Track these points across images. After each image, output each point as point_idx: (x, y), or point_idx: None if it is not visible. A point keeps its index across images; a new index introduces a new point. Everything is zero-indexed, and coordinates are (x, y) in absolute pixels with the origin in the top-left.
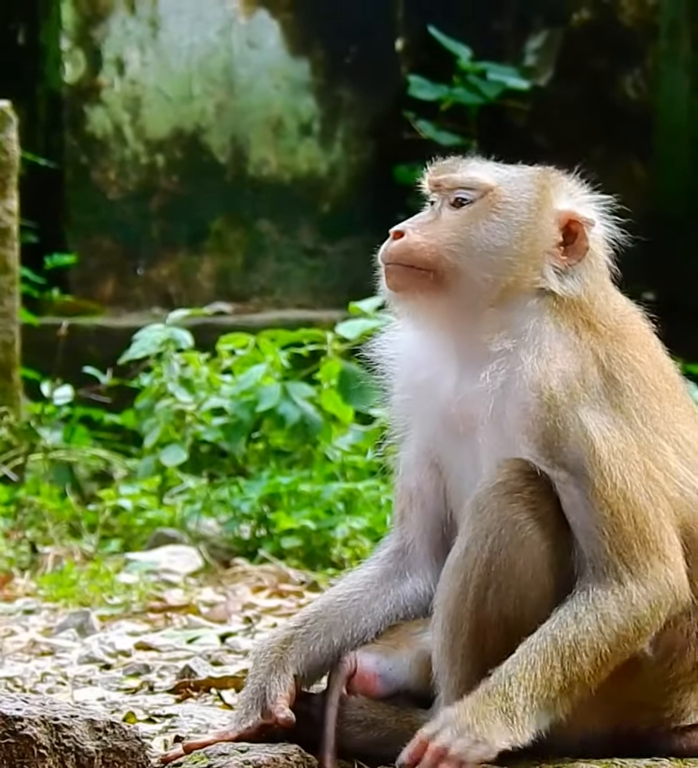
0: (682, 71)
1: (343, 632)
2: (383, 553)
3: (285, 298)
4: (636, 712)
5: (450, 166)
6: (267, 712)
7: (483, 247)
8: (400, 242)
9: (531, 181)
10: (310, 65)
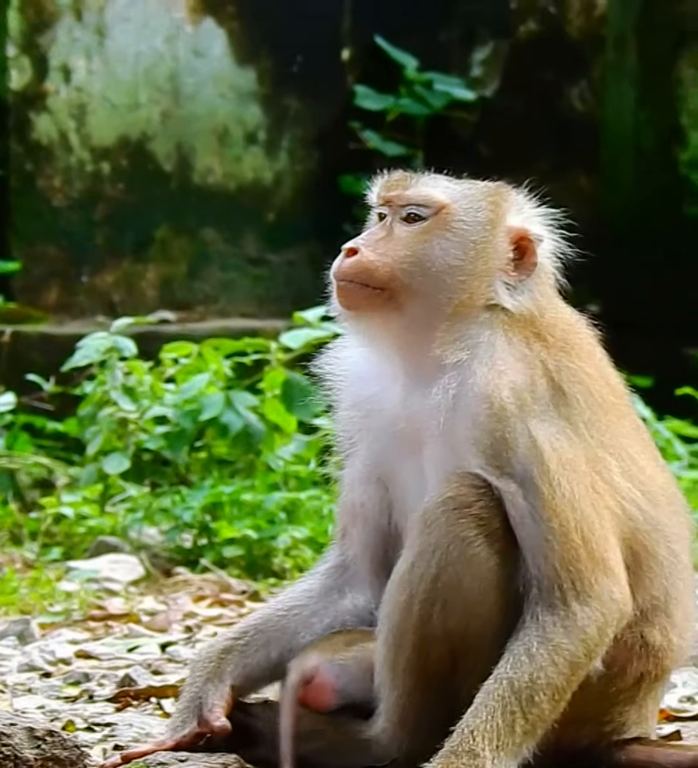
0: (628, 83)
1: (281, 646)
2: (323, 567)
3: (229, 307)
4: (578, 726)
5: (402, 182)
6: (203, 721)
7: (438, 267)
8: (354, 260)
9: (484, 198)
10: (256, 74)
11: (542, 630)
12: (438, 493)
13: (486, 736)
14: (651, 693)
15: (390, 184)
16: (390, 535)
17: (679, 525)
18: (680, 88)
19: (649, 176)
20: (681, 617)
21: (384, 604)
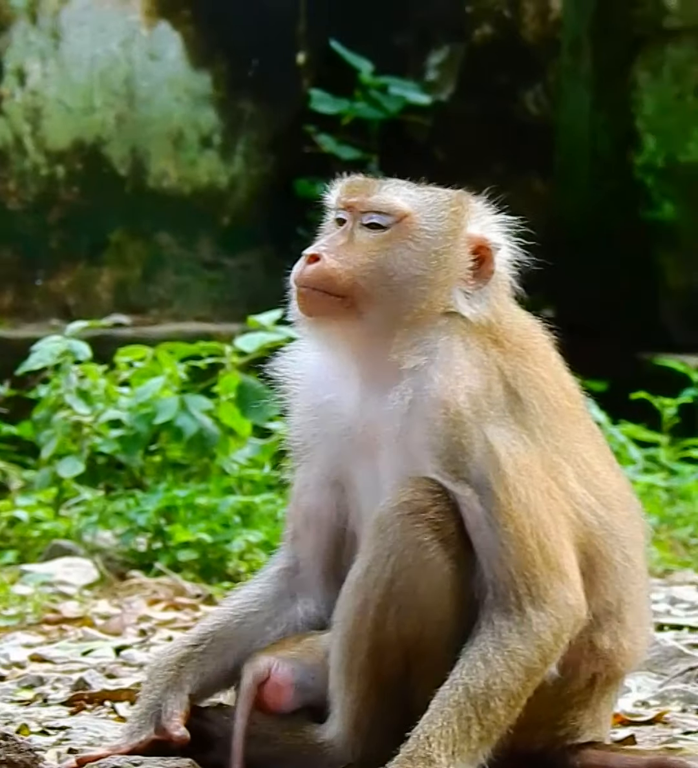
0: (583, 87)
1: (237, 654)
2: (273, 570)
3: (184, 310)
4: (533, 731)
5: (364, 188)
6: (160, 729)
7: (400, 276)
8: (316, 267)
9: (446, 207)
10: (211, 78)
11: (498, 635)
12: (393, 498)
13: (442, 742)
14: (604, 697)
15: (351, 190)
16: (344, 539)
17: (634, 529)
18: (635, 92)
19: (604, 181)
20: (633, 622)
21: (339, 609)
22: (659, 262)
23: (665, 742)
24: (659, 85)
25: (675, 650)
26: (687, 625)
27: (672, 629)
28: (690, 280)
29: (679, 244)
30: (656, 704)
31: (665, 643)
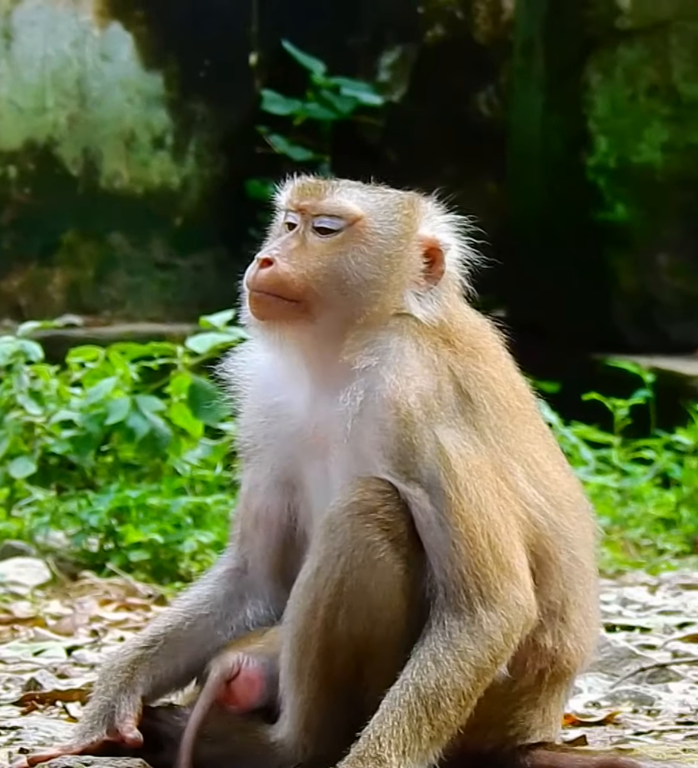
0: (536, 89)
1: (188, 657)
2: (221, 571)
3: (136, 311)
4: (483, 731)
5: (316, 191)
6: (113, 730)
7: (353, 281)
8: (269, 272)
9: (398, 210)
10: (163, 78)
11: (448, 635)
12: (343, 498)
13: (393, 742)
14: (553, 696)
15: (303, 192)
16: (294, 540)
17: (583, 530)
18: (587, 93)
19: (557, 182)
20: (579, 622)
21: (289, 609)
22: (611, 263)
23: (616, 743)
24: (611, 86)
25: (626, 651)
26: (638, 626)
27: (623, 630)
28: (643, 281)
29: (631, 245)
30: (607, 705)
31: (616, 644)
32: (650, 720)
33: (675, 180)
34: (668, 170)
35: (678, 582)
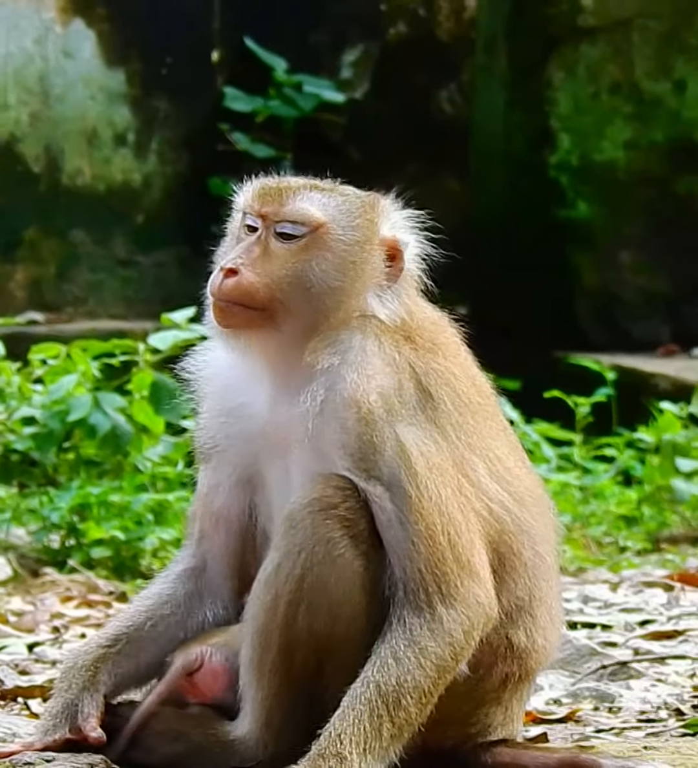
0: (498, 86)
1: (149, 657)
2: (179, 569)
3: (98, 308)
4: (444, 727)
5: (277, 196)
6: (76, 729)
7: (318, 288)
8: (235, 282)
9: (360, 215)
10: (125, 76)
11: (409, 633)
12: (304, 494)
13: (354, 740)
14: (516, 694)
15: (264, 198)
16: (254, 539)
17: (545, 526)
18: (550, 91)
19: (519, 179)
20: (545, 618)
21: (250, 605)
22: (573, 261)
23: (577, 740)
24: (574, 83)
25: (587, 648)
26: (599, 624)
27: (584, 627)
28: (605, 278)
29: (594, 243)
30: (568, 702)
31: (577, 641)
32: (611, 717)
33: (637, 178)
34: (630, 168)
35: (640, 580)
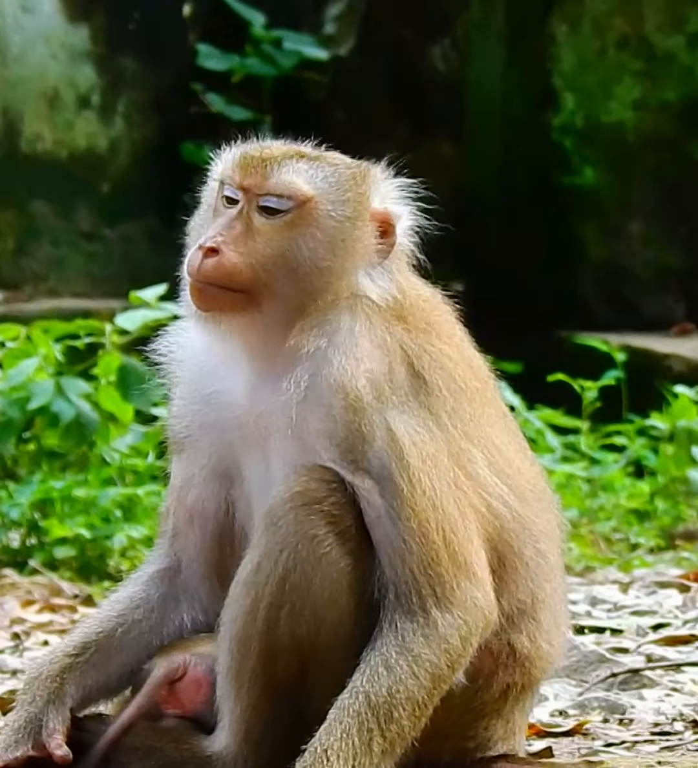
0: (496, 42)
1: (119, 667)
2: (152, 570)
3: (60, 285)
4: (439, 741)
5: (261, 168)
6: (40, 745)
7: (305, 268)
8: (215, 262)
9: (350, 188)
10: (89, 32)
11: (401, 639)
12: (285, 488)
13: (341, 756)
14: (518, 705)
15: (247, 169)
16: (232, 536)
17: (548, 523)
18: (552, 46)
19: (518, 143)
20: (549, 622)
21: (227, 609)
22: (578, 232)
23: (585, 755)
24: (578, 38)
25: (596, 655)
26: (609, 628)
27: (592, 632)
28: (612, 251)
29: (600, 212)
30: (575, 714)
31: (585, 647)
32: (622, 730)
33: (647, 140)
34: (640, 130)
35: (653, 579)
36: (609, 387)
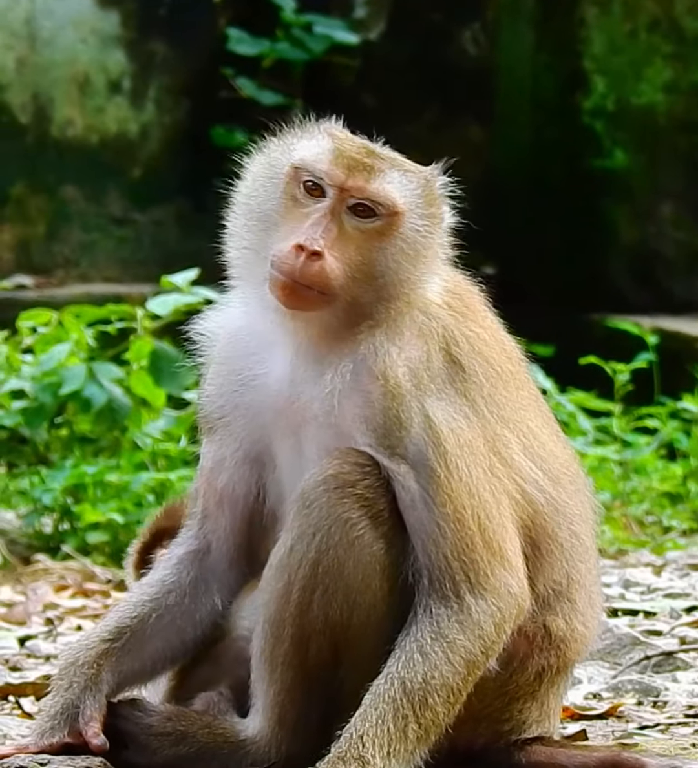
0: (525, 25)
1: (154, 652)
2: (182, 552)
3: (91, 270)
4: (473, 724)
5: (365, 170)
6: (76, 732)
7: (387, 278)
8: (319, 267)
9: (431, 202)
10: (119, 17)
11: (436, 625)
12: (319, 471)
13: (377, 742)
14: (552, 688)
15: (351, 170)
16: (262, 520)
17: (581, 505)
18: (582, 29)
19: (548, 127)
20: (584, 603)
21: (261, 592)
22: (609, 214)
23: (619, 738)
24: (609, 21)
25: (629, 638)
26: (642, 610)
27: (626, 615)
28: (644, 233)
29: (631, 194)
30: (609, 696)
31: (619, 630)
32: (656, 712)
33: (678, 123)
34: (671, 112)
35: (686, 562)
36: (641, 370)
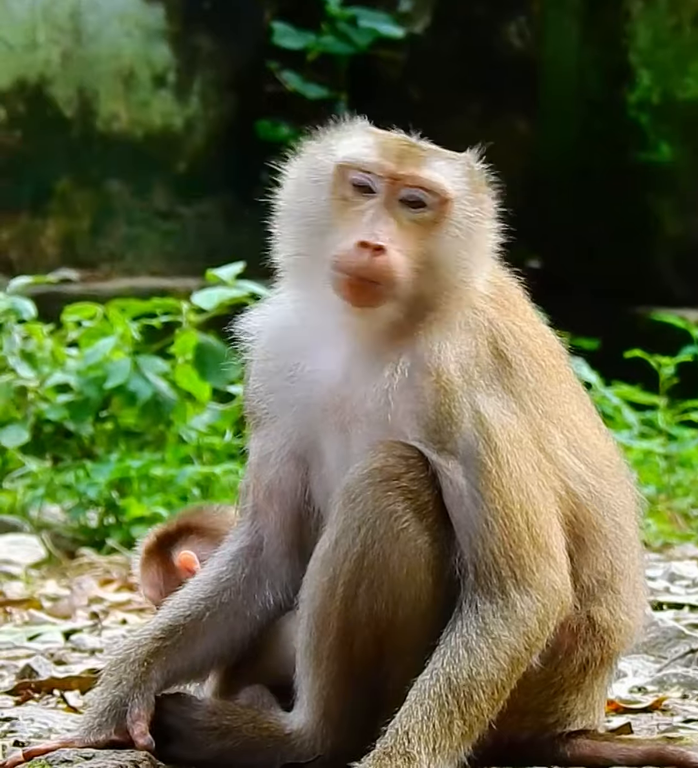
0: (571, 19)
1: (205, 652)
2: (234, 548)
3: (136, 264)
4: (518, 717)
5: (414, 158)
6: (123, 730)
7: (446, 267)
8: (385, 262)
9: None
10: (164, 11)
11: (481, 620)
12: (363, 464)
13: (422, 738)
14: (597, 680)
15: (402, 159)
16: (309, 515)
17: (624, 496)
18: (628, 23)
19: (594, 120)
20: (628, 594)
21: (306, 586)
22: (654, 208)
23: (664, 731)
24: (654, 15)
25: (674, 631)
26: (687, 604)
27: (671, 608)
28: (689, 227)
29: (677, 187)
30: (654, 690)
31: (664, 623)
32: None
33: None
34: None
35: None
36: (686, 363)
